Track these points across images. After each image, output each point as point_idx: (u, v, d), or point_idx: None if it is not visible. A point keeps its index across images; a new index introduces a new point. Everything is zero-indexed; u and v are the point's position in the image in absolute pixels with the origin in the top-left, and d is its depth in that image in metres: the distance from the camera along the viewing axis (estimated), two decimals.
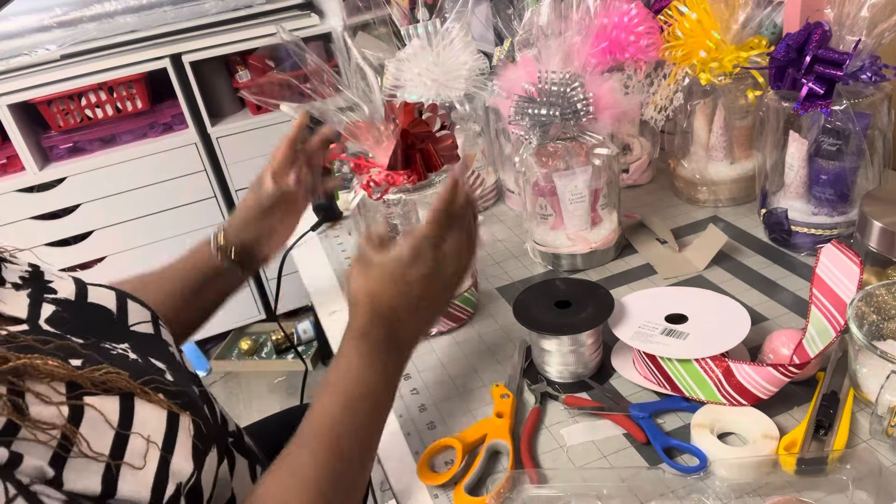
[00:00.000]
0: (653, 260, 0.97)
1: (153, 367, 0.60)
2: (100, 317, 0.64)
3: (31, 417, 0.46)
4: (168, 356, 0.64)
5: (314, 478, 0.57)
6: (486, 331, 0.89)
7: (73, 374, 0.50)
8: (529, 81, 0.91)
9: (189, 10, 2.12)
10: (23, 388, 0.47)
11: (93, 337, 0.59)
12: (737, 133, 1.05)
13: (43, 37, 2.02)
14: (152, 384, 0.55)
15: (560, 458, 0.68)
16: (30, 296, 0.60)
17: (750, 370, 0.66)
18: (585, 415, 0.72)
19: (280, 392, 2.36)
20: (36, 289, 0.61)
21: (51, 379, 0.49)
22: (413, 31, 1.05)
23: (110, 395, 0.52)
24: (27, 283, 0.62)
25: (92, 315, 0.63)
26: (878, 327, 0.69)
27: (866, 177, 0.89)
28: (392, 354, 0.63)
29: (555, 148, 0.93)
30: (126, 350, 0.60)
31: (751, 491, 0.60)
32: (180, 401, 0.57)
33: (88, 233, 2.19)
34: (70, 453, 0.48)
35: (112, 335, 0.62)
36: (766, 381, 0.66)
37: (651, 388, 0.74)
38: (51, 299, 0.61)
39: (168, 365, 0.61)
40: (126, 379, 0.53)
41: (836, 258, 0.71)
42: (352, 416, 0.61)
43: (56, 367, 0.49)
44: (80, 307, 0.63)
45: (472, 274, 0.90)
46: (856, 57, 0.81)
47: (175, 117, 2.19)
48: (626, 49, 1.04)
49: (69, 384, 0.50)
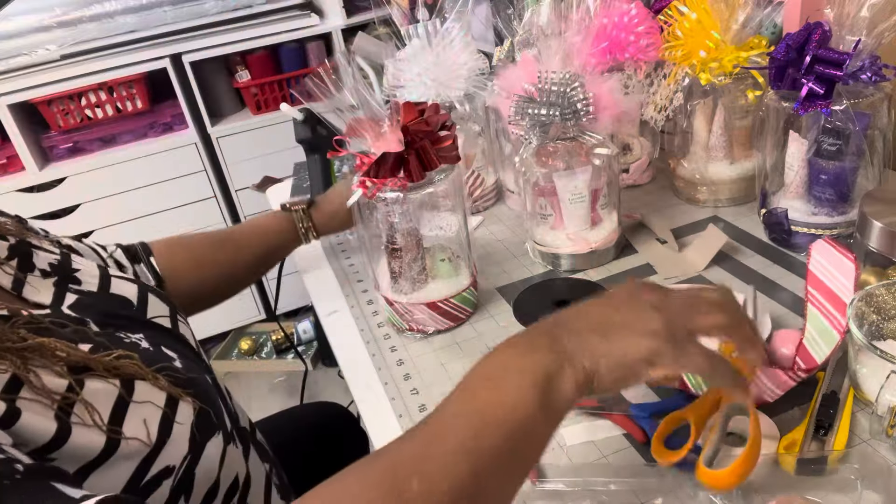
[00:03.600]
0: (653, 260, 0.97)
1: (164, 355, 0.61)
2: (120, 305, 0.66)
3: (41, 384, 0.48)
4: (180, 347, 0.66)
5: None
6: (486, 331, 0.89)
7: (86, 358, 0.52)
8: (529, 81, 0.91)
9: (189, 10, 2.12)
10: (33, 364, 0.49)
11: (110, 326, 0.61)
12: (737, 133, 1.05)
13: (43, 37, 2.02)
14: (162, 370, 0.57)
15: (560, 458, 0.68)
16: (56, 284, 0.63)
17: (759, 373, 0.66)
18: (585, 415, 0.72)
19: (280, 392, 2.36)
20: (62, 278, 0.64)
21: (62, 361, 0.51)
22: (413, 31, 1.05)
23: (117, 378, 0.53)
24: (54, 272, 0.64)
25: (112, 304, 0.65)
26: (878, 327, 0.69)
27: (866, 177, 0.89)
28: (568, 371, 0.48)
29: (555, 148, 0.93)
30: (139, 339, 0.61)
31: (752, 490, 0.60)
32: (191, 390, 0.58)
33: (88, 233, 2.19)
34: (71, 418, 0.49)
35: (129, 325, 0.63)
36: (774, 383, 0.66)
37: None
38: (75, 290, 0.64)
39: (179, 355, 0.63)
40: (137, 363, 0.54)
41: (830, 254, 0.70)
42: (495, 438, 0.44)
43: (70, 350, 0.51)
44: (102, 296, 0.65)
45: (472, 272, 0.90)
46: (856, 57, 0.81)
47: (175, 117, 2.19)
48: (626, 49, 1.05)
49: (80, 368, 0.52)
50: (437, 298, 0.86)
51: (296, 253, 1.16)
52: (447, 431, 0.45)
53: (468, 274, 0.90)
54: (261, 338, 2.52)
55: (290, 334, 2.44)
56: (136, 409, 0.53)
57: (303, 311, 2.53)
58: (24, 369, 0.48)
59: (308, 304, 2.18)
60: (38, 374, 0.49)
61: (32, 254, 0.64)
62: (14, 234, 0.65)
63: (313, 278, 1.09)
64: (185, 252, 0.89)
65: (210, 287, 0.92)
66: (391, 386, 0.82)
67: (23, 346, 0.49)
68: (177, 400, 0.56)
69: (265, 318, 2.52)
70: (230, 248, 0.93)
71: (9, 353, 0.48)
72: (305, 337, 2.44)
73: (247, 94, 2.23)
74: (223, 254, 0.92)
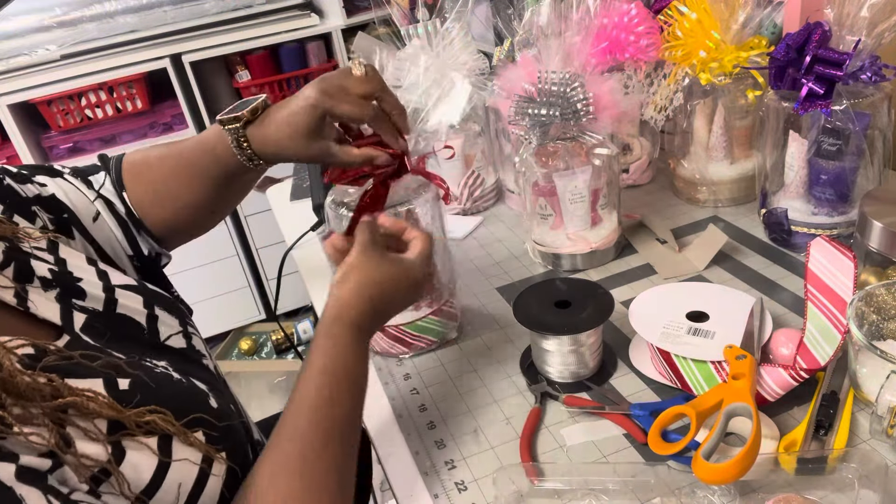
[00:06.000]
0: (653, 260, 0.97)
1: (198, 392, 0.59)
2: (132, 330, 0.62)
3: (76, 451, 0.46)
4: (207, 375, 0.64)
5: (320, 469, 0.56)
6: (485, 331, 0.88)
7: (120, 416, 0.49)
8: (529, 81, 0.91)
9: (189, 10, 2.13)
10: (67, 421, 0.47)
11: (132, 351, 0.58)
12: (737, 133, 1.05)
13: (43, 37, 2.02)
14: (195, 424, 0.54)
15: (560, 457, 0.68)
16: (58, 299, 0.58)
17: (762, 371, 0.66)
18: (585, 415, 0.72)
19: (280, 392, 2.36)
20: (64, 290, 0.59)
21: (97, 416, 0.48)
22: (413, 31, 1.05)
23: (151, 436, 0.51)
24: (55, 281, 0.59)
25: (123, 328, 0.61)
26: (878, 327, 0.69)
27: (866, 177, 0.89)
28: (367, 343, 0.65)
29: (555, 148, 0.93)
30: (167, 368, 0.59)
31: (752, 490, 0.60)
32: (222, 442, 0.56)
33: None
34: (102, 486, 0.47)
35: (148, 350, 0.61)
36: (776, 383, 0.66)
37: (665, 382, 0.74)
38: (80, 307, 0.59)
39: (209, 387, 0.60)
40: (171, 421, 0.52)
41: (829, 253, 0.71)
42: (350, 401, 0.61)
43: (105, 406, 0.49)
44: (110, 317, 0.61)
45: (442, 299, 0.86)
46: (856, 57, 0.81)
47: (175, 117, 2.19)
48: (626, 49, 1.04)
49: (113, 422, 0.49)
50: (386, 324, 0.79)
51: (295, 253, 1.16)
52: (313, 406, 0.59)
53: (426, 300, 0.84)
54: (261, 338, 2.52)
55: (290, 334, 2.45)
56: (174, 471, 0.51)
57: (303, 311, 2.54)
58: (62, 441, 0.45)
59: (308, 304, 2.18)
60: (74, 444, 0.46)
61: (29, 260, 0.58)
62: (4, 232, 0.59)
63: (313, 278, 1.09)
64: (146, 186, 0.78)
65: (183, 221, 0.81)
66: (391, 386, 0.82)
67: (57, 406, 0.46)
68: (212, 459, 0.55)
69: (265, 318, 2.53)
70: (184, 176, 0.78)
71: (45, 419, 0.45)
72: (305, 337, 2.44)
73: (247, 94, 2.23)
74: (179, 184, 0.78)
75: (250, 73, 2.21)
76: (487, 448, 0.70)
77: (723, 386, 0.65)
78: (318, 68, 2.25)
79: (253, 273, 2.43)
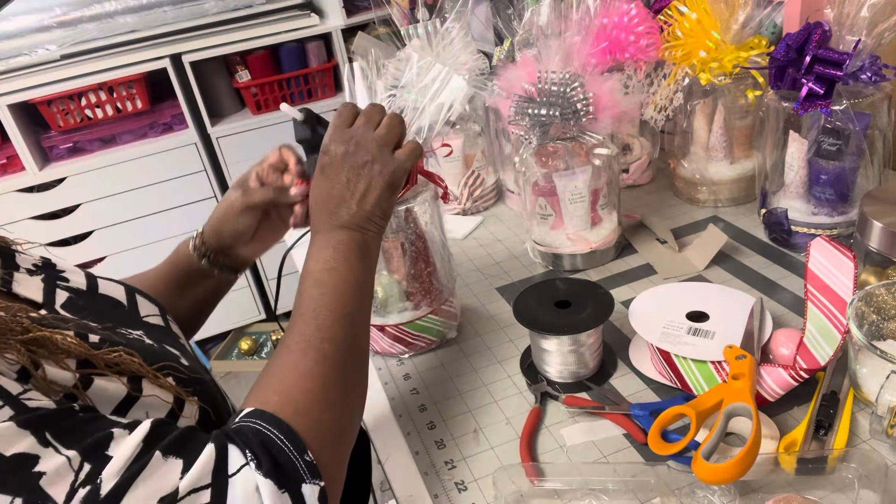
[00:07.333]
0: (653, 260, 0.97)
1: (169, 353, 0.61)
2: (112, 307, 0.65)
3: (45, 375, 0.48)
4: (180, 345, 0.66)
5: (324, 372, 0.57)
6: (485, 331, 0.89)
7: (88, 353, 0.52)
8: (529, 81, 0.91)
9: (189, 10, 2.12)
10: (38, 358, 0.49)
11: (108, 323, 0.60)
12: (737, 133, 1.05)
13: (43, 37, 2.02)
14: (165, 370, 0.56)
15: (560, 457, 0.68)
16: (44, 280, 0.62)
17: (762, 371, 0.66)
18: (585, 415, 0.72)
19: None
20: (49, 276, 0.63)
21: (66, 355, 0.50)
22: (413, 31, 1.05)
23: (121, 377, 0.53)
24: (40, 270, 0.64)
25: (105, 305, 0.65)
26: (878, 327, 0.69)
27: (866, 177, 0.89)
28: (353, 233, 0.66)
29: (555, 148, 0.93)
30: (141, 336, 0.61)
31: (752, 490, 0.60)
32: (192, 388, 0.58)
33: (88, 233, 2.19)
34: None
35: (126, 323, 0.63)
36: (776, 383, 0.66)
37: (664, 382, 0.74)
38: (64, 286, 0.63)
39: (181, 352, 0.63)
40: (139, 362, 0.54)
41: (828, 252, 0.71)
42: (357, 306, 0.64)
43: (74, 344, 0.51)
44: (93, 297, 0.65)
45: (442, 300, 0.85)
46: (856, 57, 0.81)
47: (175, 117, 2.19)
48: (626, 49, 1.05)
49: (82, 362, 0.51)
50: (385, 323, 0.83)
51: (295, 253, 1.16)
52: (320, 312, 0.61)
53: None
54: (261, 338, 2.52)
55: None
56: (142, 404, 0.53)
57: None
58: (31, 362, 0.48)
59: None
60: (43, 367, 0.49)
61: (15, 255, 0.63)
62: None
63: None
64: None
65: None
66: (391, 386, 0.82)
67: (28, 339, 0.49)
68: (183, 400, 0.56)
69: (265, 318, 2.52)
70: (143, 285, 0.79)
71: (16, 344, 0.48)
72: None
73: (247, 94, 2.23)
74: (170, 300, 0.80)
75: (250, 73, 2.20)
76: (487, 448, 0.70)
77: (723, 386, 0.65)
78: (318, 68, 2.25)
79: (253, 273, 2.43)
